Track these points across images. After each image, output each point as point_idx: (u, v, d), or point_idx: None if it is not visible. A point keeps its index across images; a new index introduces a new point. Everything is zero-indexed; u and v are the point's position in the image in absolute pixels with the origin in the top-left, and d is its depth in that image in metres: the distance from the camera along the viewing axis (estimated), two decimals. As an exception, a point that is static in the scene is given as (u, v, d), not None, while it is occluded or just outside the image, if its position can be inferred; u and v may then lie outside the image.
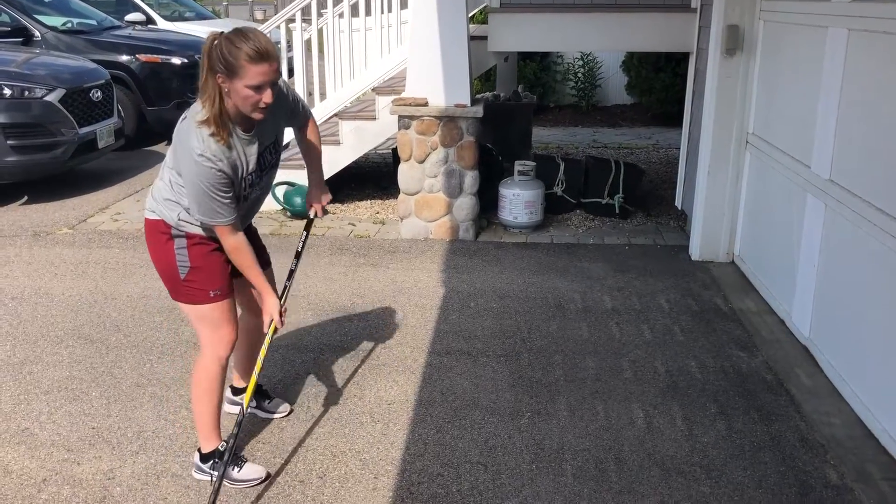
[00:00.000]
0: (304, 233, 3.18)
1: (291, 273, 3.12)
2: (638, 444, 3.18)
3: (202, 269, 2.77)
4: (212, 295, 2.79)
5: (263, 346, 2.91)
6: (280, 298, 2.89)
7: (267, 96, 2.50)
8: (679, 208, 6.12)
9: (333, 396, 3.58)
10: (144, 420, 3.39)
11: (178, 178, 2.62)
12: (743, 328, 4.25)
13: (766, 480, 2.96)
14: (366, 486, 2.94)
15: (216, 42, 2.46)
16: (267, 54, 2.45)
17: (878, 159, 3.27)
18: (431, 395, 3.59)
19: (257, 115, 2.55)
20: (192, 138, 2.50)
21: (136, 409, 3.47)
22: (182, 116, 2.63)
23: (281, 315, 2.83)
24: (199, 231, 2.75)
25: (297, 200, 6.10)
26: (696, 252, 5.32)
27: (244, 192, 2.72)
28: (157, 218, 2.76)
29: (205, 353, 2.88)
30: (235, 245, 2.68)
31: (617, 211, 6.21)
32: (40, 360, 3.91)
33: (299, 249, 3.15)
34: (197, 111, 2.55)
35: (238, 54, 2.42)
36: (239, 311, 3.07)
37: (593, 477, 2.98)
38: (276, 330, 2.88)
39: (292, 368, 3.83)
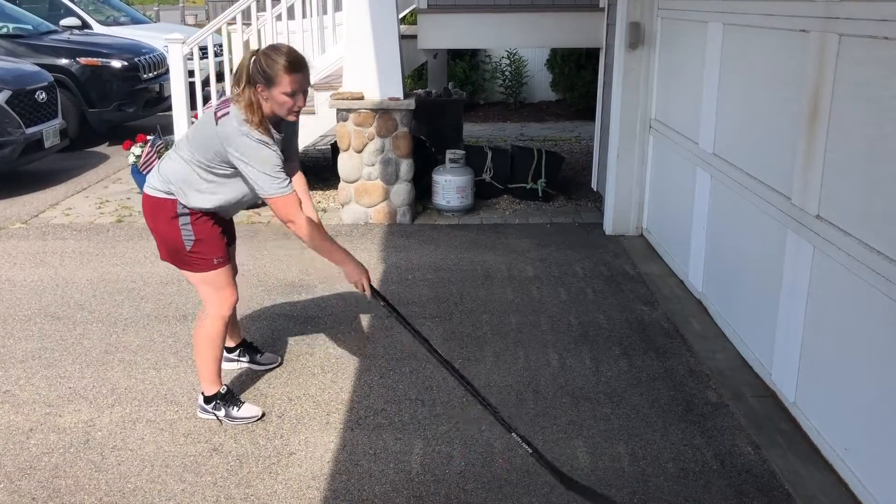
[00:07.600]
0: None
1: None
2: (552, 380, 3.72)
3: (205, 240, 3.17)
4: (215, 262, 3.21)
5: None
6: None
7: (300, 101, 2.93)
8: (595, 190, 6.72)
9: (286, 354, 4.02)
10: (116, 380, 3.77)
11: (215, 170, 3.00)
12: (647, 288, 4.85)
13: (659, 402, 3.53)
14: (320, 422, 3.40)
15: (254, 58, 2.87)
16: (299, 65, 2.87)
17: (751, 133, 3.88)
18: (375, 349, 4.06)
19: (292, 117, 2.99)
20: (248, 131, 2.87)
21: (108, 371, 3.85)
22: (216, 123, 2.94)
23: None
24: (200, 206, 3.12)
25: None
26: (609, 227, 5.92)
27: None
28: (163, 197, 3.12)
29: (209, 312, 3.28)
30: (307, 223, 2.98)
31: (540, 194, 6.78)
32: (11, 336, 4.24)
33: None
34: (238, 117, 2.89)
35: (276, 67, 2.85)
36: None
37: (514, 405, 3.50)
38: None
39: (247, 335, 4.23)
